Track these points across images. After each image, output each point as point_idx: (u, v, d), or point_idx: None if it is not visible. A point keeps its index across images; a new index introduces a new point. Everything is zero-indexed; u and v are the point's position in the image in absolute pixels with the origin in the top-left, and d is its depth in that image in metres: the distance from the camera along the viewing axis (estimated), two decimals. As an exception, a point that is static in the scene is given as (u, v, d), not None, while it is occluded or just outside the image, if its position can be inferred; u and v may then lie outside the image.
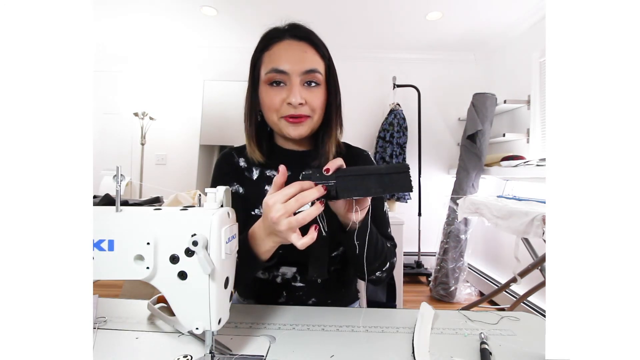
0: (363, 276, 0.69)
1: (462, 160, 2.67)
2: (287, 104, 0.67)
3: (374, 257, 0.66)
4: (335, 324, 0.63)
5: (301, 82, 0.68)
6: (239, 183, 0.77)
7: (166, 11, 2.61)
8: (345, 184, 0.51)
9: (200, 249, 0.43)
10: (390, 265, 0.71)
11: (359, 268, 0.66)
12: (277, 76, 0.67)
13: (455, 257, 2.63)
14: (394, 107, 3.08)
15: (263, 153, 0.75)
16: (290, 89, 0.67)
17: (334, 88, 0.73)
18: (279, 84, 0.68)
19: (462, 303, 2.57)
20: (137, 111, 3.05)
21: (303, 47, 0.69)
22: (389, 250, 0.71)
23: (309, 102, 0.68)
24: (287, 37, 0.69)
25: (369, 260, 0.64)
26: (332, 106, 0.73)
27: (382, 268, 0.69)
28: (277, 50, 0.69)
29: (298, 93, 0.66)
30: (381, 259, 0.68)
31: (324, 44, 0.72)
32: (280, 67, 0.67)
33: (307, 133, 0.71)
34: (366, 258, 0.61)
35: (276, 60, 0.67)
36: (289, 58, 0.67)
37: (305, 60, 0.68)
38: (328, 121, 0.74)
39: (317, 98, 0.69)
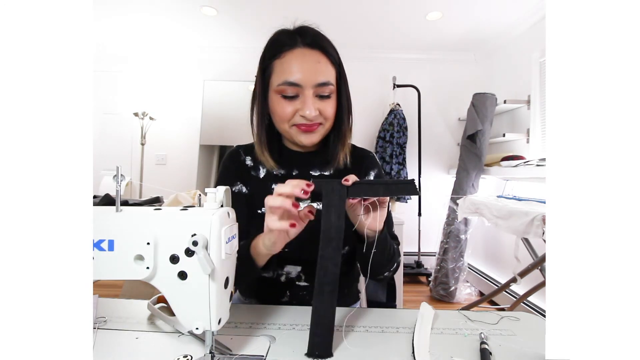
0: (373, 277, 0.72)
1: (462, 160, 2.67)
2: (301, 116, 0.67)
3: (386, 261, 0.68)
4: (336, 324, 0.63)
5: (314, 93, 0.66)
6: (243, 182, 0.77)
7: (166, 11, 2.61)
8: (356, 189, 0.54)
9: (200, 249, 0.43)
10: (397, 265, 0.73)
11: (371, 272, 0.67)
12: (289, 89, 0.66)
13: (455, 257, 2.63)
14: (394, 107, 3.08)
15: (274, 159, 0.75)
16: (303, 102, 0.66)
17: (345, 94, 0.73)
18: (292, 97, 0.67)
19: (462, 303, 2.56)
20: (137, 111, 3.05)
21: (316, 57, 0.67)
22: (395, 252, 0.72)
23: (322, 111, 0.68)
24: (299, 45, 0.67)
25: (382, 264, 0.67)
26: (343, 111, 0.73)
27: (390, 268, 0.71)
28: (289, 59, 0.66)
29: (312, 105, 0.66)
30: (392, 262, 0.70)
31: (334, 47, 0.71)
32: (293, 80, 0.65)
33: (319, 140, 0.72)
34: (379, 263, 0.65)
35: (289, 71, 0.65)
36: (302, 69, 0.65)
37: (319, 72, 0.66)
38: (339, 126, 0.74)
39: (330, 107, 0.69)
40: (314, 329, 0.52)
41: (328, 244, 0.53)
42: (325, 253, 0.53)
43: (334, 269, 0.52)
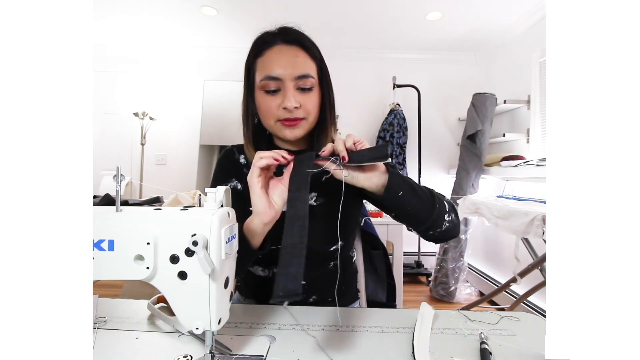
0: (423, 233, 0.67)
1: (462, 160, 2.67)
2: (283, 109, 0.69)
3: (424, 206, 0.63)
4: (336, 323, 0.63)
5: (295, 86, 0.69)
6: (237, 179, 0.79)
7: (166, 11, 2.61)
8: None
9: (200, 249, 0.43)
10: (450, 221, 0.66)
11: (415, 223, 0.65)
12: (271, 83, 0.69)
13: (455, 257, 2.63)
14: (394, 107, 3.08)
15: None
16: (284, 94, 0.68)
17: (327, 88, 0.75)
18: (274, 91, 0.69)
19: (462, 303, 2.57)
20: (137, 111, 3.05)
21: (294, 52, 0.70)
22: (436, 196, 0.66)
23: (303, 105, 0.69)
24: (278, 42, 0.70)
25: (421, 210, 0.63)
26: (326, 106, 0.75)
27: (434, 216, 0.64)
28: (269, 56, 0.70)
29: (292, 98, 0.68)
30: (433, 208, 0.63)
31: (315, 45, 0.73)
32: (273, 74, 0.68)
33: (303, 134, 0.73)
34: (417, 209, 0.63)
35: (269, 67, 0.69)
36: (282, 64, 0.68)
37: (298, 65, 0.69)
38: (323, 121, 0.76)
39: (311, 101, 0.71)
40: (280, 269, 0.49)
41: (297, 188, 0.56)
42: (292, 195, 0.55)
43: (303, 206, 0.54)
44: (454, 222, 0.68)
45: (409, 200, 0.62)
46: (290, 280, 0.48)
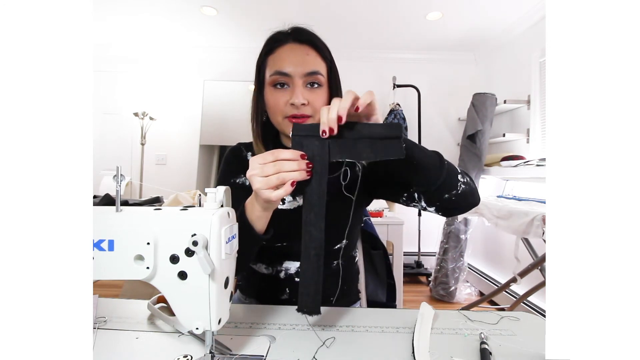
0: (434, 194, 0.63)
1: (462, 160, 2.67)
2: (291, 105, 0.69)
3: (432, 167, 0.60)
4: (336, 323, 0.63)
5: (303, 83, 0.70)
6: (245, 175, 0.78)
7: (166, 11, 2.61)
8: (338, 147, 0.52)
9: (200, 249, 0.43)
10: (466, 183, 0.63)
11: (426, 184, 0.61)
12: (280, 78, 0.70)
13: (455, 257, 2.63)
14: (394, 107, 3.08)
15: None
16: (293, 91, 0.69)
17: (335, 88, 0.75)
18: (283, 85, 0.70)
19: (462, 303, 2.57)
20: (137, 111, 3.05)
21: (305, 50, 0.71)
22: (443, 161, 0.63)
23: (311, 102, 0.70)
24: (290, 40, 0.72)
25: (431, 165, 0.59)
26: None
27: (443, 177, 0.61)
28: (280, 53, 0.71)
29: (300, 94, 0.68)
30: (441, 168, 0.61)
31: (326, 46, 0.74)
32: (283, 70, 0.69)
33: None
34: (423, 165, 0.58)
35: (279, 63, 0.70)
36: (292, 61, 0.69)
37: (308, 63, 0.70)
38: None
39: (319, 98, 0.71)
40: (302, 289, 0.55)
41: (310, 209, 0.53)
42: (308, 219, 0.54)
43: (318, 234, 0.53)
44: (470, 185, 0.64)
45: (414, 153, 0.56)
46: (310, 301, 0.55)
